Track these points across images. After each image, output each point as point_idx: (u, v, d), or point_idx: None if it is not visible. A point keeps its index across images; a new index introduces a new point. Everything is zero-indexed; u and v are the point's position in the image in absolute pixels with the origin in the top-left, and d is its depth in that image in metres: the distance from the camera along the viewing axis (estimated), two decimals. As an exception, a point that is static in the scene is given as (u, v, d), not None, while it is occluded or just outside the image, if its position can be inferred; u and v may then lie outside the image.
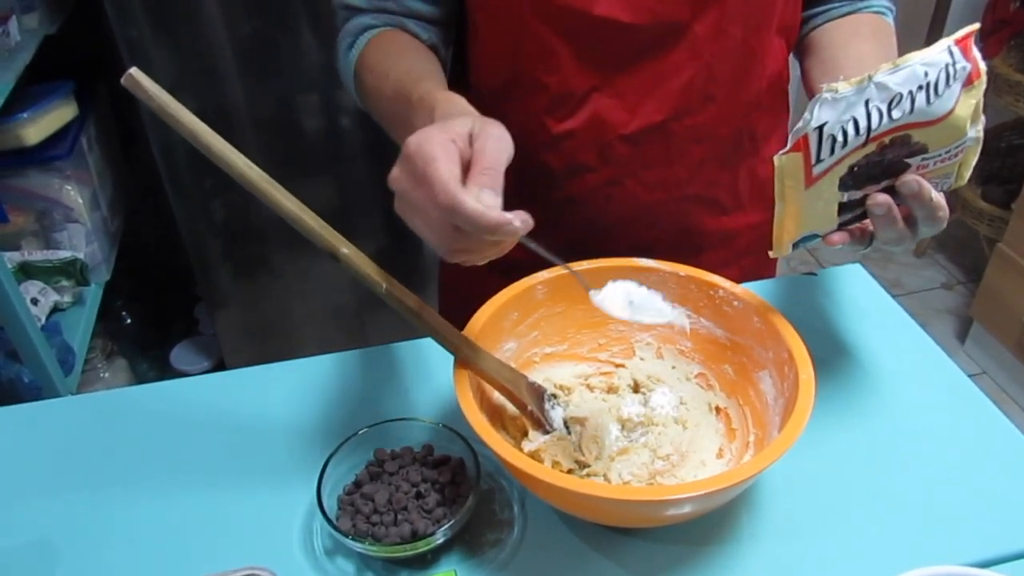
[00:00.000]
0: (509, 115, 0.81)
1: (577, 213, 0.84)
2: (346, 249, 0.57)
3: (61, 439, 0.72)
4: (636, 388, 0.73)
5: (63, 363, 1.37)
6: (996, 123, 2.29)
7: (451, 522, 0.58)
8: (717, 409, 0.70)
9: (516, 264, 0.75)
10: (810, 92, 0.80)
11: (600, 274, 0.71)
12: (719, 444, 0.67)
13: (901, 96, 0.56)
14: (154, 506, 0.65)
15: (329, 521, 0.58)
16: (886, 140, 0.58)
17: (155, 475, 0.68)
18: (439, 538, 0.58)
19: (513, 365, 0.66)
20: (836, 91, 0.56)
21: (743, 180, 0.87)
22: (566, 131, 0.79)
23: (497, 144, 0.53)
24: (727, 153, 0.83)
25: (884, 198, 0.60)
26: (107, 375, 1.73)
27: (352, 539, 0.57)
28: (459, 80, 0.89)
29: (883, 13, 0.83)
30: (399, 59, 0.74)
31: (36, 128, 1.43)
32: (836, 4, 0.83)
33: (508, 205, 0.91)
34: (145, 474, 0.68)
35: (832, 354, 0.78)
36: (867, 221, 0.62)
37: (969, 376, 0.76)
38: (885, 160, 0.59)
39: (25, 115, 1.40)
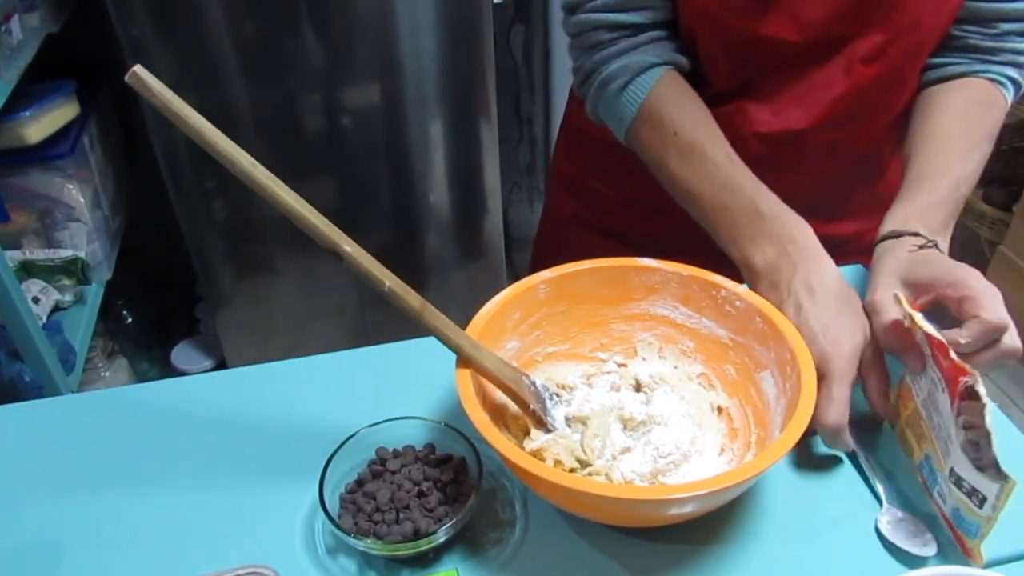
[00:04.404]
0: None
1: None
2: (349, 247, 0.57)
3: (62, 438, 0.72)
4: (638, 387, 0.73)
5: (64, 362, 1.37)
6: (998, 125, 2.28)
7: (453, 521, 0.58)
8: (719, 409, 0.70)
9: (622, 236, 0.82)
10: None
11: (602, 273, 0.72)
12: (721, 444, 0.67)
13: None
14: (155, 504, 0.65)
15: (331, 519, 0.58)
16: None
17: (156, 474, 0.68)
18: (441, 537, 0.58)
19: (515, 364, 0.67)
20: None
21: (860, 194, 0.85)
22: None
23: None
24: (855, 169, 0.82)
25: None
26: (108, 374, 1.73)
27: (354, 537, 0.57)
28: None
29: (1001, 83, 0.80)
30: (704, 126, 0.74)
31: (38, 127, 1.43)
32: (956, 60, 0.80)
33: (623, 181, 0.90)
34: (146, 473, 0.68)
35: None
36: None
37: (971, 377, 0.75)
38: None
39: (27, 114, 1.40)
